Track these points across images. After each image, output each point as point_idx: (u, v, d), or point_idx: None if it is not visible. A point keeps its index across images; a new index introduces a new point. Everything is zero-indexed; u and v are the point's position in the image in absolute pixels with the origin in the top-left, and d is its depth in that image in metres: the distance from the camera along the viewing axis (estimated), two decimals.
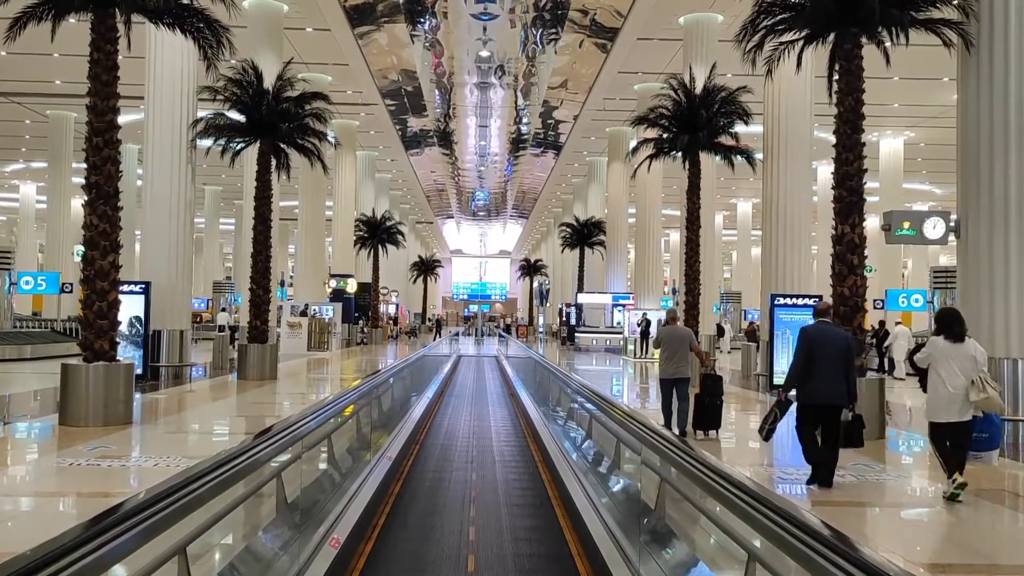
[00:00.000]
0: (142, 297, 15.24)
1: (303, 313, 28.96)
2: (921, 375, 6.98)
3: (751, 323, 37.37)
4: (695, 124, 16.54)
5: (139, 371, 15.19)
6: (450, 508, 7.82)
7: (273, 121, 16.37)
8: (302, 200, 30.56)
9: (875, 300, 32.31)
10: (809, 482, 7.09)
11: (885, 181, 36.63)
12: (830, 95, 10.76)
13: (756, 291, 57.97)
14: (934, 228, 10.30)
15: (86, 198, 9.91)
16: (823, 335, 7.06)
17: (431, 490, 8.55)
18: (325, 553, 5.29)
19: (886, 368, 23.02)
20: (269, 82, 16.68)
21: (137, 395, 13.86)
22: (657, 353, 10.90)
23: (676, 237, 59.52)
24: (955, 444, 6.63)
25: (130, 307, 15.33)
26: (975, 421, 6.63)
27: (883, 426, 9.77)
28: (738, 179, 42.71)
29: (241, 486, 4.85)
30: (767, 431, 7.20)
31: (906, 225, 10.46)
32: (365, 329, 37.38)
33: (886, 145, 36.40)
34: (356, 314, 36.91)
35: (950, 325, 6.75)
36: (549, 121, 38.12)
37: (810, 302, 15.81)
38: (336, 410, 7.65)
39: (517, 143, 43.20)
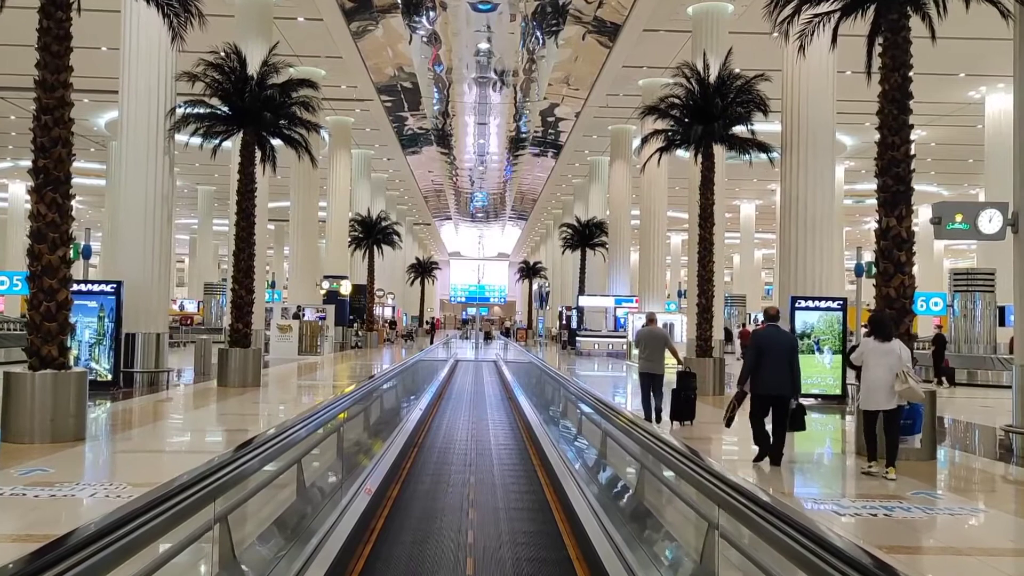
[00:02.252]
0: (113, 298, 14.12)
1: (295, 316, 27.84)
2: (857, 371, 8.22)
3: (743, 328, 36.07)
4: (709, 114, 15.42)
5: (110, 378, 14.16)
6: None
7: (257, 109, 15.25)
8: (294, 199, 29.46)
9: None
10: (756, 460, 8.18)
11: None
12: (868, 74, 9.67)
13: (759, 294, 57.47)
14: (990, 221, 9.18)
15: (32, 184, 8.78)
16: (771, 337, 8.31)
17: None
18: None
19: None
20: (255, 71, 15.58)
21: (107, 404, 12.82)
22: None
23: (677, 240, 58.62)
24: (886, 431, 7.68)
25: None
26: (901, 411, 7.68)
27: (934, 443, 8.62)
28: (741, 180, 41.67)
29: (173, 536, 3.75)
30: (728, 419, 8.49)
31: (958, 218, 9.35)
32: (360, 332, 36.24)
33: None
34: (351, 317, 35.80)
35: (881, 328, 7.91)
36: (550, 119, 37.02)
37: (834, 304, 14.77)
38: (313, 427, 6.54)
39: (516, 143, 42.09)
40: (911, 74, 9.24)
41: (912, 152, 8.93)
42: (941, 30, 9.53)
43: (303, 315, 28.49)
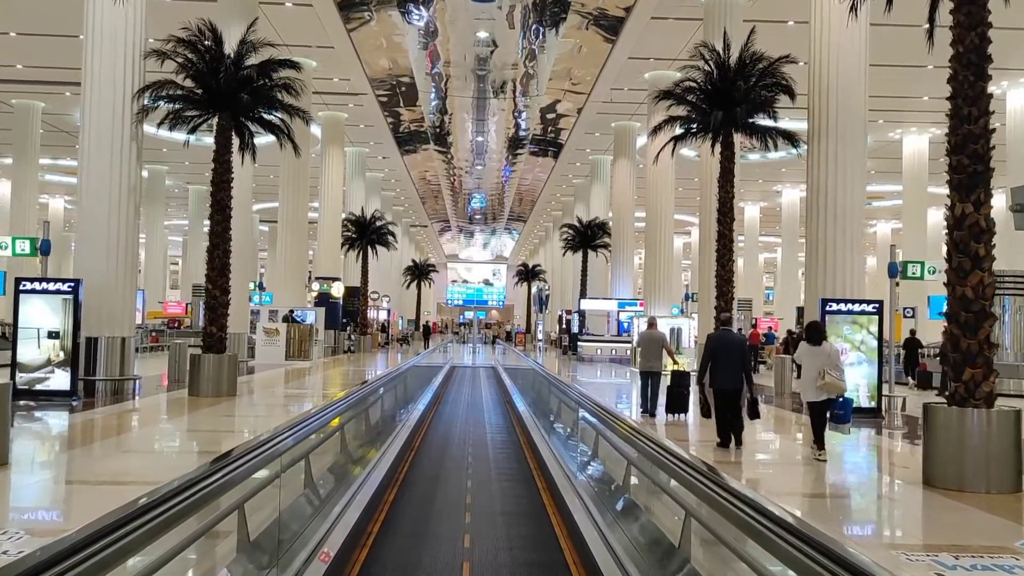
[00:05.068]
0: (71, 298, 12.73)
1: (285, 319, 26.35)
2: (797, 370, 9.87)
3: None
4: (730, 98, 14.06)
5: (67, 387, 12.77)
6: None
7: (233, 91, 13.85)
8: (283, 195, 28.00)
9: (906, 308, 29.91)
10: (722, 444, 9.42)
11: (908, 184, 34.18)
12: (930, 37, 8.31)
13: (761, 298, 56.08)
14: None
15: None
16: (723, 340, 9.67)
17: None
18: None
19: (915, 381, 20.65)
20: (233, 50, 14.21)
21: (62, 416, 11.46)
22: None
23: (678, 243, 57.23)
24: (819, 418, 8.86)
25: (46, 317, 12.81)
26: (829, 402, 8.86)
27: (1020, 472, 7.21)
28: (746, 181, 40.32)
29: None
30: (705, 410, 9.86)
31: None
32: (352, 336, 34.79)
33: (910, 144, 34.00)
34: (344, 320, 34.36)
35: (812, 334, 9.24)
36: (550, 116, 35.65)
37: (869, 308, 13.40)
38: (267, 457, 5.17)
39: (516, 142, 40.72)
40: (934, 67, 7.83)
41: (992, 126, 7.56)
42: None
43: (302, 319, 26.96)
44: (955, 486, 7.12)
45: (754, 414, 9.38)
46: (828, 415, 8.82)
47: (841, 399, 8.87)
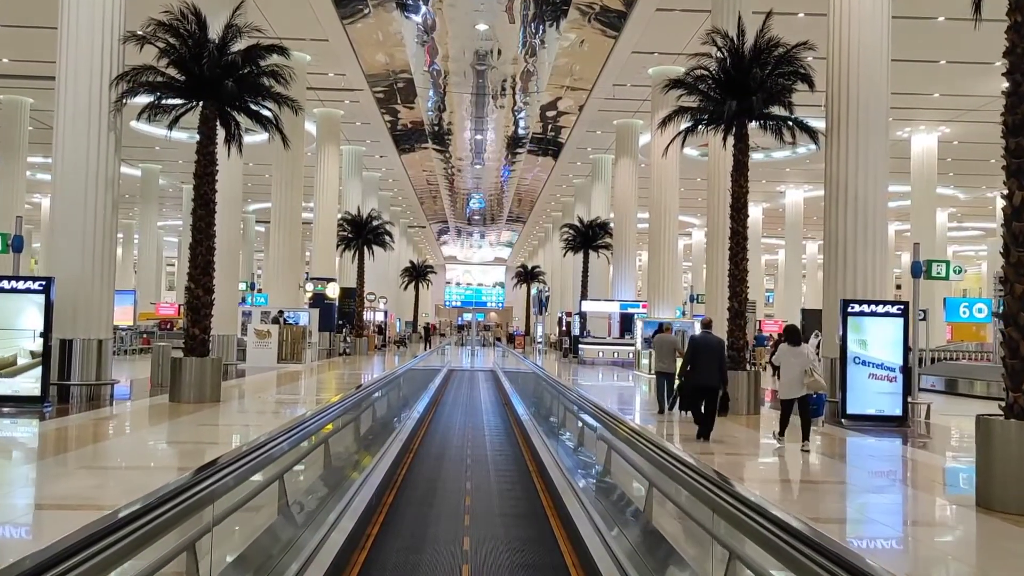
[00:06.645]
0: (41, 297, 11.91)
1: (275, 320, 25.54)
2: (775, 370, 11.40)
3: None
4: (745, 87, 13.26)
5: (37, 392, 11.97)
6: None
7: (217, 78, 13.04)
8: (275, 193, 27.14)
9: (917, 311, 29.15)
10: (697, 437, 10.07)
11: (917, 184, 33.38)
12: (977, 10, 7.55)
13: (761, 300, 55.40)
14: None
15: None
16: (704, 341, 10.70)
17: None
18: None
19: None
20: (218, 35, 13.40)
21: (31, 423, 10.68)
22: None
23: (679, 244, 56.46)
24: (801, 414, 9.71)
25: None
26: (809, 398, 9.81)
27: None
28: (748, 180, 39.61)
29: None
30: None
31: None
32: (348, 338, 33.97)
33: (918, 143, 33.22)
34: (340, 322, 33.57)
35: (791, 336, 10.06)
36: (550, 113, 34.86)
37: (893, 309, 12.63)
38: (240, 474, 4.39)
39: (515, 141, 39.93)
40: (946, 62, 7.07)
41: None
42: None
43: (294, 320, 26.15)
44: (1016, 509, 6.32)
45: (723, 409, 10.50)
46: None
47: (816, 395, 10.06)
